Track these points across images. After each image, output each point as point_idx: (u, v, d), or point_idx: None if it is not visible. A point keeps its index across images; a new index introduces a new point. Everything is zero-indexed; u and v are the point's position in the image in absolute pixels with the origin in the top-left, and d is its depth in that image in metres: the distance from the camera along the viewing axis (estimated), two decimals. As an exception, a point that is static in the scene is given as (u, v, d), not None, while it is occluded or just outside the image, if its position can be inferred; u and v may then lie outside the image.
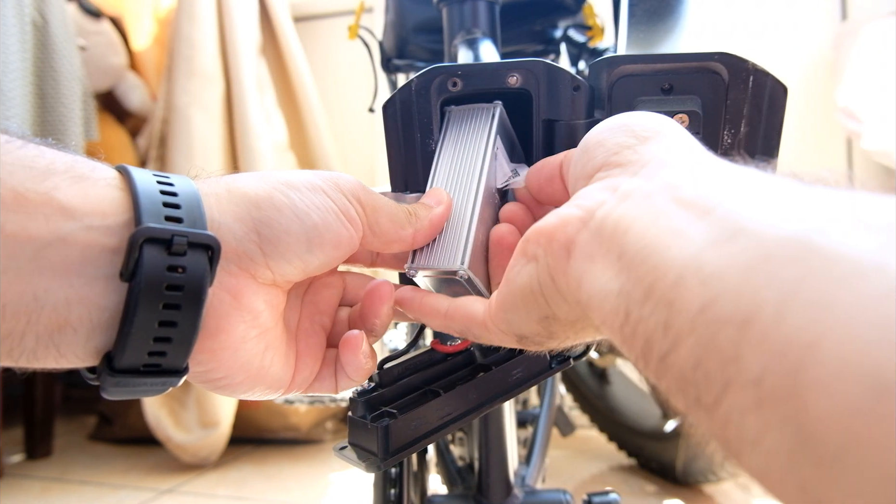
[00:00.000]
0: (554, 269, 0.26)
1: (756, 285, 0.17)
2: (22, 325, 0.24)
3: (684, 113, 0.33)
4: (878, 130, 1.36)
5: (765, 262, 0.17)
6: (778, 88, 0.34)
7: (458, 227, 0.34)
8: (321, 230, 0.30)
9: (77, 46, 1.56)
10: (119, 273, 0.25)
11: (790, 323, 0.15)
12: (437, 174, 0.36)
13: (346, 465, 1.42)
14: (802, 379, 0.15)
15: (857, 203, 0.18)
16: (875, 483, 0.13)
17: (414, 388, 0.37)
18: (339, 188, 0.31)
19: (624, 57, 0.35)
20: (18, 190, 0.24)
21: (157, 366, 0.27)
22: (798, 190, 0.20)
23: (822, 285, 0.15)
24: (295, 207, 0.30)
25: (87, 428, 1.83)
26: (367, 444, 0.34)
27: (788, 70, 1.62)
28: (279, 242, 0.29)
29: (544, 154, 0.37)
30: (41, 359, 0.25)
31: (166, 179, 0.28)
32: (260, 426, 1.66)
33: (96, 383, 0.27)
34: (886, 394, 0.13)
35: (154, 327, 0.26)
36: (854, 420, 0.14)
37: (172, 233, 0.25)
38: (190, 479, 1.46)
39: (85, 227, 0.25)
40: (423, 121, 0.38)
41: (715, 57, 0.33)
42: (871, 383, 0.13)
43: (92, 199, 0.25)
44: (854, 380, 0.14)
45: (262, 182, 0.30)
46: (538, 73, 0.36)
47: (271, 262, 0.29)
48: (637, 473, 1.40)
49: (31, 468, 1.55)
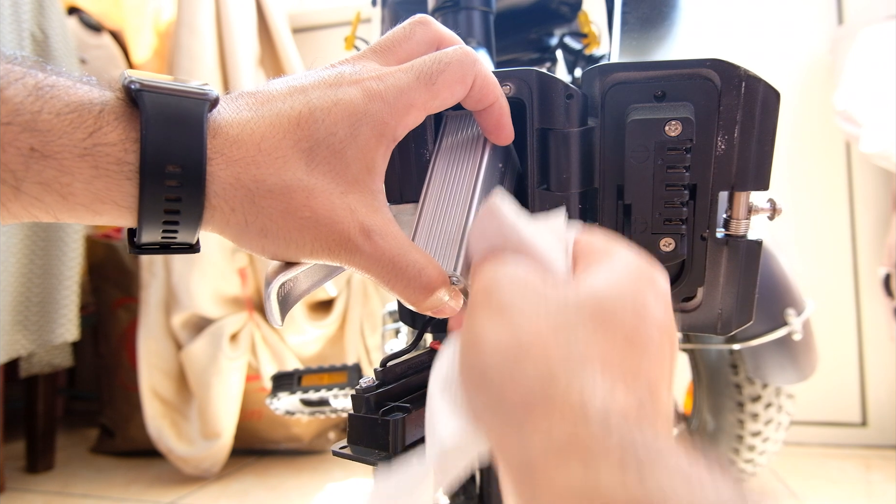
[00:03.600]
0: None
1: None
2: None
3: (677, 120, 0.33)
4: (876, 133, 1.36)
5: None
6: (770, 94, 0.34)
7: (452, 235, 0.34)
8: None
9: (78, 60, 1.57)
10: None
11: None
12: (433, 180, 0.36)
13: (347, 475, 1.41)
14: None
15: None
16: None
17: (416, 387, 0.37)
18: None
19: (616, 65, 0.35)
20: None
21: (172, 243, 0.30)
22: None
23: None
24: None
25: (88, 441, 1.82)
26: (375, 440, 0.33)
27: (786, 74, 1.62)
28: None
29: (539, 163, 0.37)
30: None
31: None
32: (262, 437, 1.66)
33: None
34: None
35: (161, 211, 0.29)
36: None
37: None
38: (192, 492, 1.46)
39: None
40: (416, 130, 0.38)
41: (707, 63, 0.33)
42: None
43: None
44: None
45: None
46: (531, 82, 0.36)
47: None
48: (641, 481, 1.39)
49: (32, 482, 1.55)
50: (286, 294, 0.37)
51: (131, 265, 1.70)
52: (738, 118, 0.34)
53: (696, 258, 0.36)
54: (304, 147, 0.30)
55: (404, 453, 0.32)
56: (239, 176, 0.29)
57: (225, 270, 1.59)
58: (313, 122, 0.30)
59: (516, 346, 0.24)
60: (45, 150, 0.26)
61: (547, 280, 0.26)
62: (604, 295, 0.25)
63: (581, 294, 0.25)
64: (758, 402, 1.11)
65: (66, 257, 1.51)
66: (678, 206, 0.35)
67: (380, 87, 0.31)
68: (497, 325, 0.24)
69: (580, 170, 0.36)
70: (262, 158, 0.30)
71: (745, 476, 1.22)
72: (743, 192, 0.35)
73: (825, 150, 1.62)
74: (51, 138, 0.26)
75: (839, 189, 1.62)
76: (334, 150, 0.30)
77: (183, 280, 1.54)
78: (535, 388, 0.22)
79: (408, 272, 0.32)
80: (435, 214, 0.35)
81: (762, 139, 0.34)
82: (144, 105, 0.28)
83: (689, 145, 0.34)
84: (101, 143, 0.27)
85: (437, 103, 0.33)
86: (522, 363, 0.23)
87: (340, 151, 0.31)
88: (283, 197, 0.30)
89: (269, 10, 1.77)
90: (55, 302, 1.49)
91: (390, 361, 0.37)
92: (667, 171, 0.34)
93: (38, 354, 1.59)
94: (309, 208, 0.30)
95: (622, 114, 0.35)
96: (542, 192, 0.38)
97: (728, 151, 0.34)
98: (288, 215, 0.30)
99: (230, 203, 0.30)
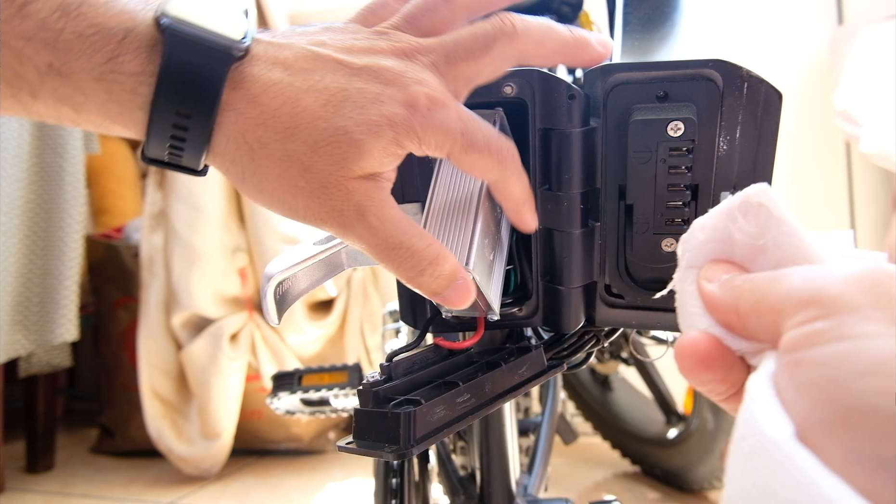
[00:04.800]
0: None
1: None
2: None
3: (679, 120, 0.33)
4: (876, 133, 1.36)
5: None
6: (772, 94, 0.34)
7: (462, 231, 0.34)
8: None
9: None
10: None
11: None
12: (441, 177, 0.36)
13: (347, 475, 1.41)
14: None
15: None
16: None
17: (422, 383, 0.37)
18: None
19: (618, 65, 0.35)
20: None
21: (177, 162, 0.30)
22: None
23: None
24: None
25: (88, 441, 1.82)
26: (384, 434, 0.32)
27: (786, 74, 1.62)
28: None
29: (541, 163, 0.37)
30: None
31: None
32: (262, 437, 1.66)
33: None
34: None
35: (166, 144, 0.29)
36: None
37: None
38: (192, 492, 1.46)
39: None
40: (419, 131, 0.38)
41: (709, 64, 0.33)
42: None
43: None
44: None
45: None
46: (533, 82, 0.36)
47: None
48: (641, 480, 1.40)
49: (32, 482, 1.55)
50: (284, 293, 0.37)
51: (131, 265, 1.70)
52: (740, 118, 0.34)
53: (698, 258, 0.36)
54: (319, 127, 0.30)
55: (415, 447, 0.32)
56: (245, 133, 0.29)
57: (225, 270, 1.59)
58: (341, 109, 0.30)
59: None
60: (62, 68, 0.27)
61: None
62: None
63: None
64: (758, 402, 1.11)
65: (66, 257, 1.51)
66: (680, 206, 0.35)
67: (423, 103, 0.30)
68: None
69: (582, 170, 0.36)
70: (274, 123, 0.29)
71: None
72: (745, 192, 0.35)
73: (825, 150, 1.62)
74: (70, 58, 0.27)
75: (839, 189, 1.62)
76: (349, 141, 0.30)
77: (183, 280, 1.54)
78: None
79: (401, 253, 0.31)
80: (444, 211, 0.35)
81: (764, 139, 0.34)
82: (168, 46, 0.28)
83: (691, 146, 0.34)
84: (118, 70, 0.27)
85: (461, 164, 0.33)
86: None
87: (354, 143, 0.30)
88: (282, 164, 0.30)
89: (269, 10, 1.77)
90: (55, 302, 1.49)
91: (396, 356, 0.37)
92: (669, 171, 0.34)
93: (37, 354, 1.59)
94: (304, 179, 0.30)
95: (624, 114, 0.35)
96: (544, 192, 0.38)
97: (730, 152, 0.34)
98: (283, 180, 0.30)
99: (231, 155, 0.30)
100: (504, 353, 0.40)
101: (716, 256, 0.25)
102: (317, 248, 0.38)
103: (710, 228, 0.25)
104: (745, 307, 0.23)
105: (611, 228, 0.37)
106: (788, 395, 0.19)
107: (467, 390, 0.36)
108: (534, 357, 0.41)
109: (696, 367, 0.24)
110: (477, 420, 0.43)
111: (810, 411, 0.18)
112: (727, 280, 0.24)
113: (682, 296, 0.26)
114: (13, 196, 1.37)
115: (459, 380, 0.36)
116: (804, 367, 0.19)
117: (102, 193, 1.91)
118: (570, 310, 0.39)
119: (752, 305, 0.22)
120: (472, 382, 0.36)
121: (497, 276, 0.37)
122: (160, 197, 1.61)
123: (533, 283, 0.40)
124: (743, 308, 0.23)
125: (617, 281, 0.38)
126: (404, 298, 0.42)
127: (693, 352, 0.24)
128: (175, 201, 1.56)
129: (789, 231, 0.23)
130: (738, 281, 0.24)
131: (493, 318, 0.37)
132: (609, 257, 0.38)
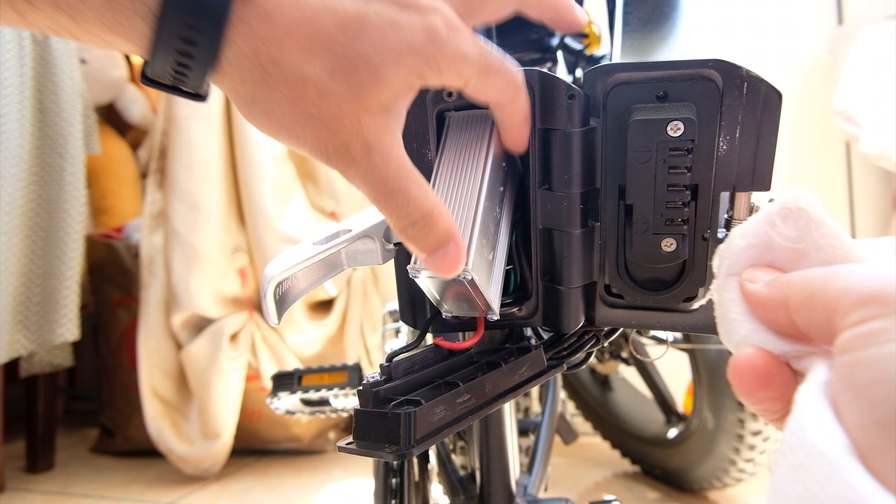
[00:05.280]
0: None
1: None
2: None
3: (679, 120, 0.33)
4: (876, 133, 1.36)
5: None
6: (772, 94, 0.34)
7: (461, 230, 0.34)
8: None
9: (77, 60, 1.57)
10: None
11: None
12: (439, 177, 0.36)
13: (347, 475, 1.41)
14: None
15: None
16: None
17: (423, 383, 0.37)
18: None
19: (618, 65, 0.35)
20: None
21: (181, 84, 0.29)
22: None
23: None
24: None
25: (88, 441, 1.82)
26: (384, 434, 0.32)
27: (786, 74, 1.62)
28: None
29: (541, 163, 0.37)
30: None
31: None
32: (262, 437, 1.66)
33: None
34: None
35: (171, 63, 0.28)
36: None
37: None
38: (192, 492, 1.46)
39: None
40: (418, 131, 0.38)
41: (709, 64, 0.33)
42: None
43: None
44: None
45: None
46: (533, 82, 0.36)
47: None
48: (641, 480, 1.40)
49: (32, 482, 1.55)
50: (283, 293, 0.37)
51: (131, 265, 1.70)
52: (740, 118, 0.34)
53: (698, 258, 0.36)
54: (337, 52, 0.28)
55: (416, 447, 0.32)
56: (257, 52, 0.28)
57: (225, 270, 1.59)
58: (359, 34, 0.29)
59: None
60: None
61: None
62: None
63: None
64: (758, 402, 1.11)
65: (66, 257, 1.51)
66: (680, 206, 0.35)
67: (441, 29, 0.30)
68: None
69: (582, 170, 0.36)
70: (289, 44, 0.28)
71: (746, 476, 1.22)
72: (744, 192, 0.35)
73: (825, 150, 1.62)
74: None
75: (839, 189, 1.62)
76: (369, 69, 0.29)
77: (183, 280, 1.54)
78: None
79: (398, 198, 0.30)
80: None
81: (764, 139, 0.34)
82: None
83: (690, 146, 0.34)
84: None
85: (477, 91, 0.33)
86: None
87: (373, 71, 0.29)
88: (296, 88, 0.28)
89: None
90: (55, 302, 1.49)
91: (397, 356, 0.37)
92: (668, 171, 0.34)
93: (38, 354, 1.59)
94: (317, 107, 0.29)
95: (624, 114, 0.35)
96: (544, 191, 0.38)
97: (730, 152, 0.34)
98: (295, 107, 0.29)
99: (241, 75, 0.28)
100: (504, 353, 0.40)
101: (756, 262, 0.25)
102: (316, 248, 0.38)
103: (750, 235, 0.25)
104: (796, 302, 0.22)
105: (610, 228, 0.37)
106: (843, 397, 0.19)
107: (467, 390, 0.36)
108: (534, 357, 0.41)
109: (755, 384, 0.23)
110: (477, 420, 0.43)
111: (867, 412, 0.18)
112: (774, 279, 0.24)
113: (723, 304, 0.26)
114: (13, 196, 1.37)
115: (459, 380, 0.36)
116: (862, 367, 0.19)
117: (102, 193, 1.91)
118: (569, 310, 0.39)
119: (805, 300, 0.22)
120: (472, 383, 0.36)
121: (497, 276, 0.37)
122: (160, 197, 1.61)
123: (533, 283, 0.40)
124: (794, 303, 0.22)
125: (617, 281, 0.38)
126: (404, 298, 0.42)
127: (751, 369, 0.23)
128: (175, 201, 1.56)
129: (830, 233, 0.23)
130: (787, 277, 0.23)
131: (493, 318, 0.37)
132: (609, 257, 0.38)
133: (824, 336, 0.21)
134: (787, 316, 0.23)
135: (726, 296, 0.25)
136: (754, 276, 0.25)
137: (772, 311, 0.23)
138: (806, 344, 0.23)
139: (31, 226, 1.46)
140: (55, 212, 1.49)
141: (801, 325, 0.22)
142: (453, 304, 0.37)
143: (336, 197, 1.79)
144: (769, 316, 0.24)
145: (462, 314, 0.38)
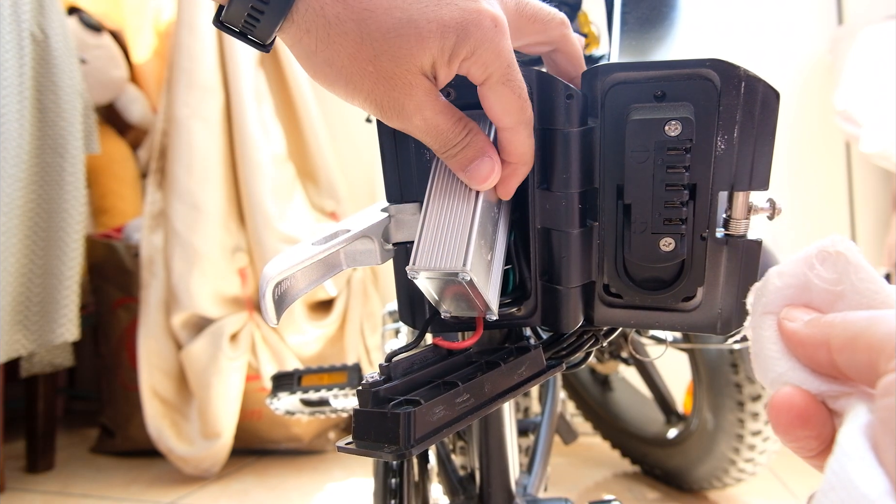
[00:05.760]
0: None
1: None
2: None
3: (677, 120, 0.33)
4: (876, 133, 1.36)
5: None
6: (770, 94, 0.34)
7: (459, 231, 0.34)
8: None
9: (78, 60, 1.57)
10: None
11: None
12: (437, 178, 0.36)
13: (347, 475, 1.41)
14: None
15: None
16: None
17: (422, 383, 0.37)
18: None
19: (616, 65, 0.35)
20: None
21: (249, 31, 0.32)
22: None
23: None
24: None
25: (88, 441, 1.82)
26: (383, 434, 0.33)
27: (786, 74, 1.62)
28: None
29: (539, 162, 0.37)
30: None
31: None
32: (262, 437, 1.66)
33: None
34: None
35: (244, 12, 0.31)
36: None
37: None
38: (192, 492, 1.46)
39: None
40: (417, 131, 0.38)
41: (707, 64, 0.34)
42: None
43: None
44: None
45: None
46: (531, 82, 0.36)
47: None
48: (641, 480, 1.40)
49: (32, 482, 1.55)
50: (282, 293, 0.37)
51: (131, 265, 1.70)
52: (738, 118, 0.34)
53: (696, 258, 0.36)
54: (395, 15, 0.31)
55: (415, 447, 0.32)
56: (324, 6, 0.31)
57: (225, 270, 1.59)
58: (418, 1, 0.31)
59: None
60: None
61: None
62: None
63: None
64: (758, 401, 1.11)
65: (66, 257, 1.51)
66: (678, 205, 0.35)
67: (489, 20, 0.32)
68: None
69: (580, 170, 0.37)
70: (352, 2, 0.31)
71: (746, 476, 1.22)
72: (742, 191, 0.35)
73: (825, 150, 1.62)
74: None
75: (839, 189, 1.62)
76: (417, 35, 0.31)
77: (183, 280, 1.54)
78: None
79: (441, 137, 0.34)
80: (441, 212, 0.35)
81: (762, 139, 0.34)
82: None
83: (688, 145, 0.34)
84: None
85: (486, 94, 0.34)
86: None
87: (421, 40, 0.31)
88: (355, 44, 0.31)
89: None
90: (55, 302, 1.49)
91: (396, 356, 0.37)
92: (667, 171, 0.34)
93: (38, 354, 1.59)
94: (373, 65, 0.31)
95: (622, 114, 0.35)
96: (542, 191, 0.38)
97: (728, 151, 0.34)
98: (354, 61, 0.31)
99: (306, 26, 0.31)
100: (503, 352, 0.40)
101: (793, 302, 0.26)
102: (315, 248, 0.38)
103: (788, 275, 0.26)
104: (837, 343, 0.23)
105: (609, 228, 0.37)
106: (885, 440, 0.19)
107: (467, 390, 0.36)
108: (533, 357, 0.41)
109: (793, 423, 0.23)
110: (476, 420, 0.43)
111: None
112: (813, 318, 0.24)
113: (759, 342, 0.26)
114: (13, 196, 1.37)
115: (459, 380, 0.36)
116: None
117: (102, 193, 1.91)
118: (568, 309, 0.40)
119: (847, 341, 0.22)
120: (472, 382, 0.36)
121: (495, 277, 0.37)
122: (160, 197, 1.61)
123: (531, 283, 0.40)
124: (835, 344, 0.23)
125: (615, 280, 0.38)
126: (403, 299, 0.42)
127: (790, 407, 0.23)
128: (175, 201, 1.56)
129: (868, 277, 0.24)
130: (828, 318, 0.24)
131: (492, 317, 0.37)
132: (607, 257, 0.38)
133: (866, 377, 0.21)
134: (827, 355, 0.23)
135: (763, 333, 0.26)
136: (793, 315, 0.25)
137: (812, 350, 0.24)
138: (843, 384, 0.23)
139: (31, 226, 1.46)
140: (55, 212, 1.49)
141: (842, 366, 0.22)
142: (452, 304, 0.37)
143: (336, 197, 1.79)
144: (809, 355, 0.24)
145: (461, 314, 0.38)
